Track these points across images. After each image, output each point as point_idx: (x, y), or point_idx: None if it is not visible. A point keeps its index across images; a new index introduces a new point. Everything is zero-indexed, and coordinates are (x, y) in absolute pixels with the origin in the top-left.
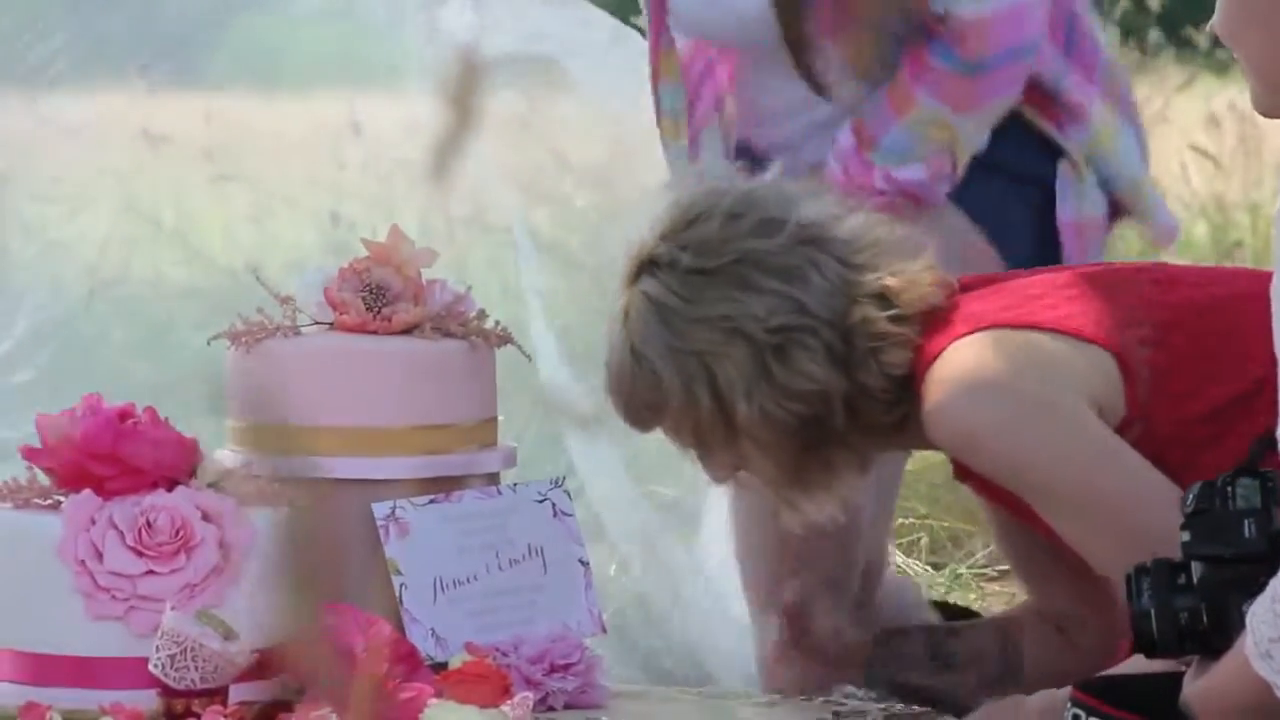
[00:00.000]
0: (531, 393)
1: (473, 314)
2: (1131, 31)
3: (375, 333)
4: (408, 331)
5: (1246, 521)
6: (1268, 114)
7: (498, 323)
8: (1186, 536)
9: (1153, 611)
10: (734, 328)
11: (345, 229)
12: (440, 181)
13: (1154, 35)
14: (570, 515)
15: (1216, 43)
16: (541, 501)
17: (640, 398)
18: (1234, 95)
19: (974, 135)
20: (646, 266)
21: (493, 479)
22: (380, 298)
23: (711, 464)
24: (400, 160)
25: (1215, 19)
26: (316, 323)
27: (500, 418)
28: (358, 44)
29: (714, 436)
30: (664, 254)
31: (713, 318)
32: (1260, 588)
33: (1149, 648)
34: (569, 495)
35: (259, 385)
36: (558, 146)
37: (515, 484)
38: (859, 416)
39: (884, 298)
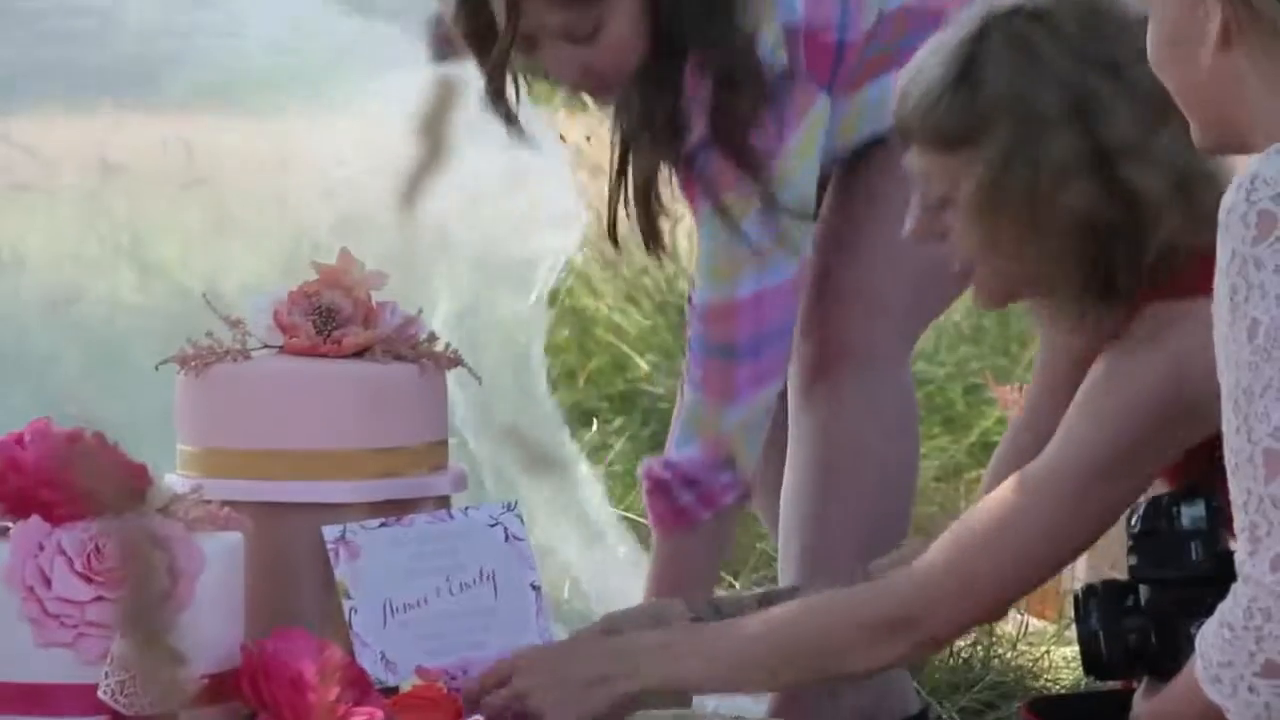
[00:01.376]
0: None
1: (423, 336)
2: None
3: (325, 356)
4: (358, 354)
5: (1193, 543)
6: (1207, 148)
7: (448, 345)
8: (1134, 559)
9: (1101, 632)
10: (1088, 111)
11: (305, 250)
12: (410, 210)
13: None
14: (522, 540)
15: None
16: (493, 525)
17: (949, 119)
18: None
19: (741, 434)
20: (1024, 13)
21: (443, 502)
22: (330, 321)
23: (944, 225)
24: (360, 182)
25: (1150, 54)
26: (266, 346)
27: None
28: (318, 66)
29: (1001, 199)
30: (1049, 14)
31: (1076, 89)
32: (1208, 610)
33: (1098, 668)
34: (521, 519)
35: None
36: None
37: (467, 507)
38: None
39: (1215, 182)
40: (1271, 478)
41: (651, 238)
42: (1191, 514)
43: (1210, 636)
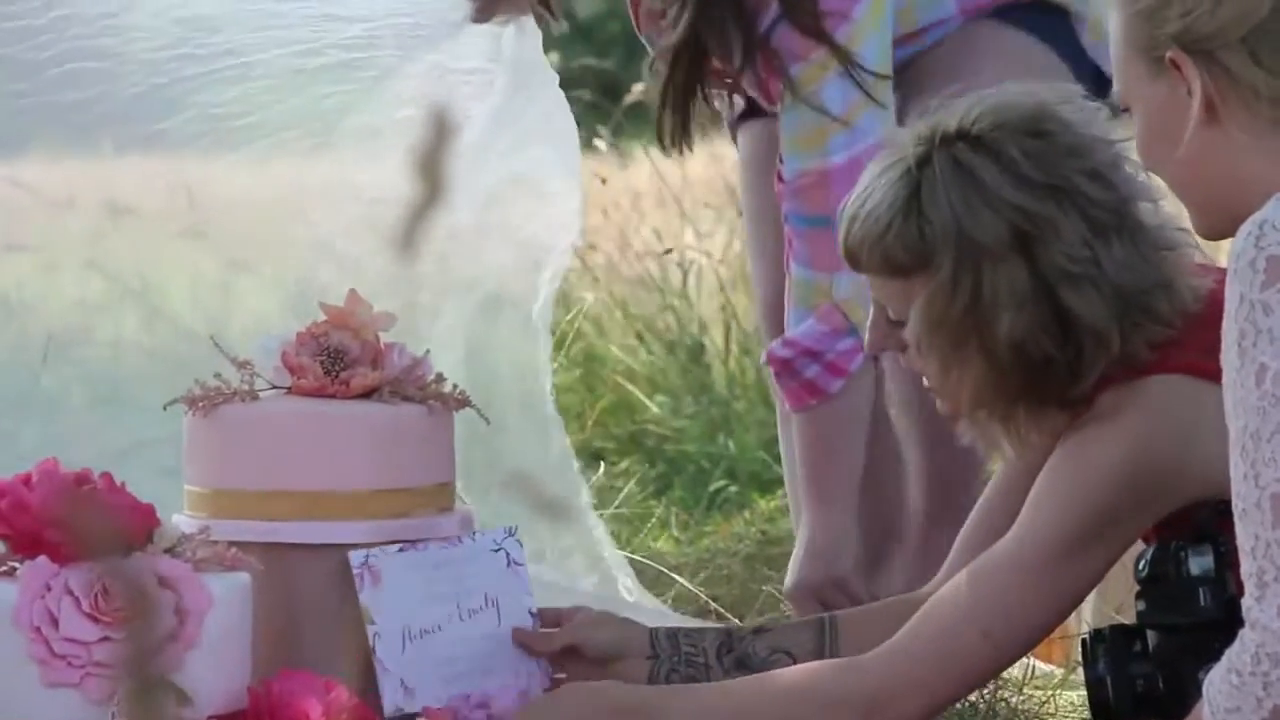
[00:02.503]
0: None
1: (431, 378)
2: None
3: (333, 397)
4: (366, 395)
5: (1201, 590)
6: (1210, 233)
7: (455, 386)
8: (1142, 605)
9: (1109, 679)
10: (1031, 237)
11: (313, 292)
12: (408, 253)
13: None
14: (522, 565)
15: None
16: (496, 551)
17: (897, 248)
18: None
19: (853, 295)
20: (969, 138)
21: None
22: (338, 361)
23: (901, 340)
24: (366, 223)
25: (1137, 147)
26: (274, 387)
27: None
28: (324, 107)
29: (944, 326)
30: (992, 139)
31: (1017, 219)
32: (1216, 656)
33: (1105, 714)
34: (521, 544)
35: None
36: None
37: (474, 532)
38: (1074, 382)
39: (1167, 290)
40: (1278, 522)
41: (683, 136)
42: (1199, 560)
43: (1218, 682)
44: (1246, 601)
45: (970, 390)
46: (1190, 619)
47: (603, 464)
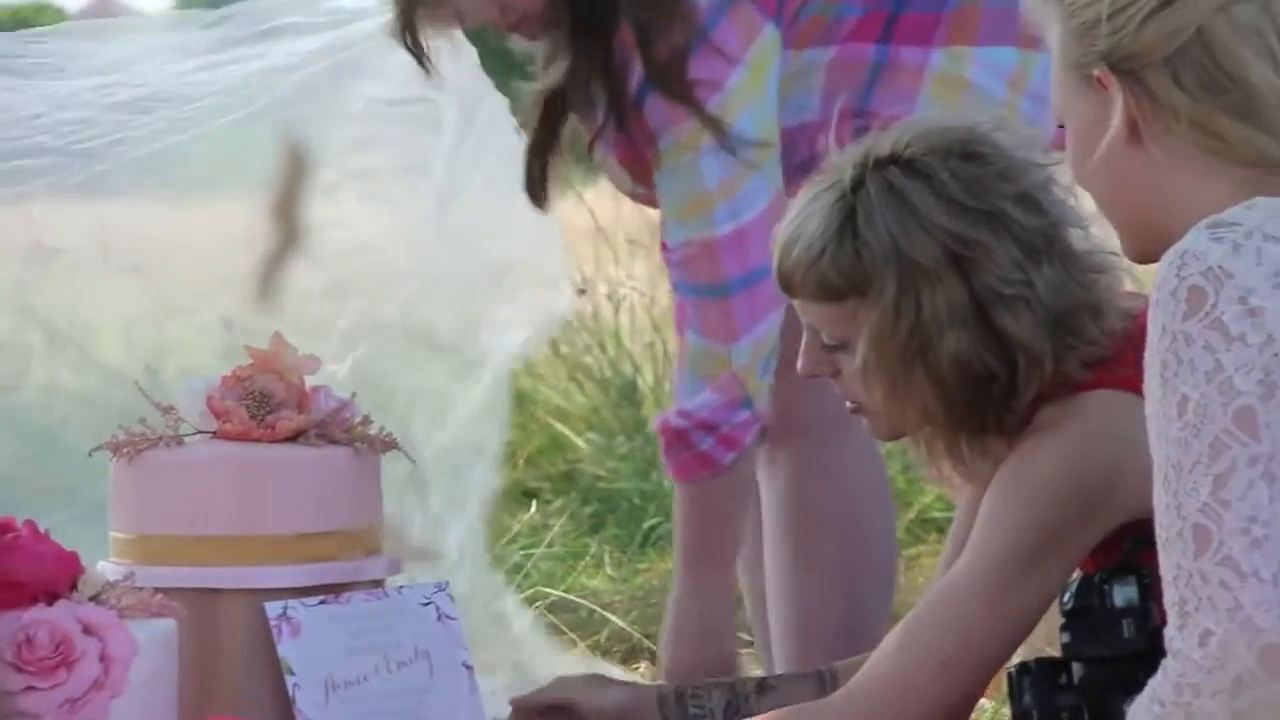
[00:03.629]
0: None
1: (357, 420)
2: None
3: (259, 440)
4: (292, 439)
5: (1125, 621)
6: (1137, 256)
7: (382, 428)
8: (1066, 637)
9: (1035, 711)
10: (965, 259)
11: (240, 334)
12: (266, 299)
13: None
14: (454, 619)
15: None
16: (426, 605)
17: (833, 273)
18: None
19: (751, 363)
20: (901, 161)
21: (377, 585)
22: (264, 405)
23: (848, 363)
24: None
25: (1069, 162)
26: (200, 432)
27: None
28: (254, 150)
29: (891, 348)
30: (925, 163)
31: (950, 242)
32: (1141, 686)
33: None
34: (452, 599)
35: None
36: None
37: (401, 586)
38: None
39: (1097, 312)
40: (1201, 553)
41: (540, 190)
42: (1123, 591)
43: (1141, 713)
44: (1169, 631)
45: (917, 410)
46: (1115, 650)
47: (535, 502)
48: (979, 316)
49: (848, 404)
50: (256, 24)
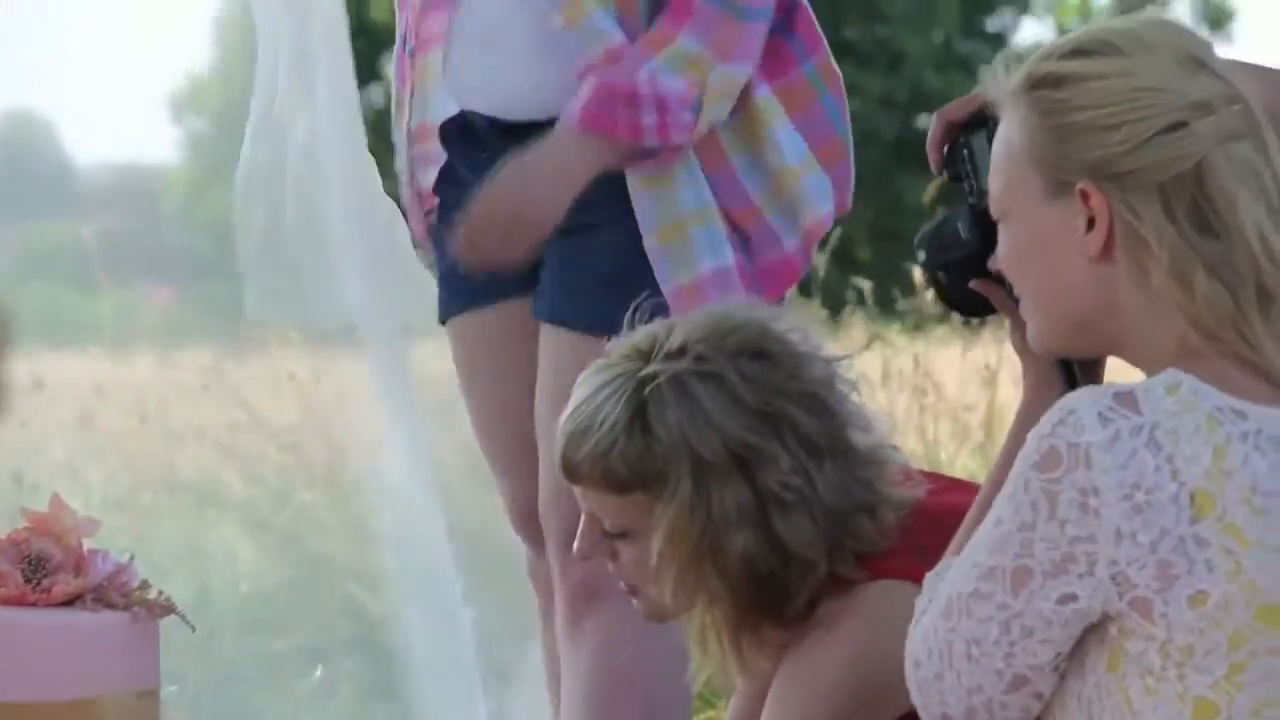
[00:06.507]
0: None
1: (135, 584)
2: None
3: (34, 605)
4: (68, 603)
5: None
6: (1051, 351)
7: (160, 592)
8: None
9: None
10: (749, 462)
11: (28, 491)
12: None
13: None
14: None
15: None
16: None
17: (622, 466)
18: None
19: (721, 90)
20: (691, 358)
21: None
22: (40, 569)
23: (627, 549)
24: (85, 420)
25: (998, 254)
26: None
27: None
28: (44, 303)
29: (684, 544)
30: (714, 362)
31: (736, 444)
32: None
33: None
34: None
35: None
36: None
37: None
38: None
39: (873, 511)
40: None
41: None
42: None
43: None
44: None
45: (703, 604)
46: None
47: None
48: (762, 517)
49: (623, 584)
50: None
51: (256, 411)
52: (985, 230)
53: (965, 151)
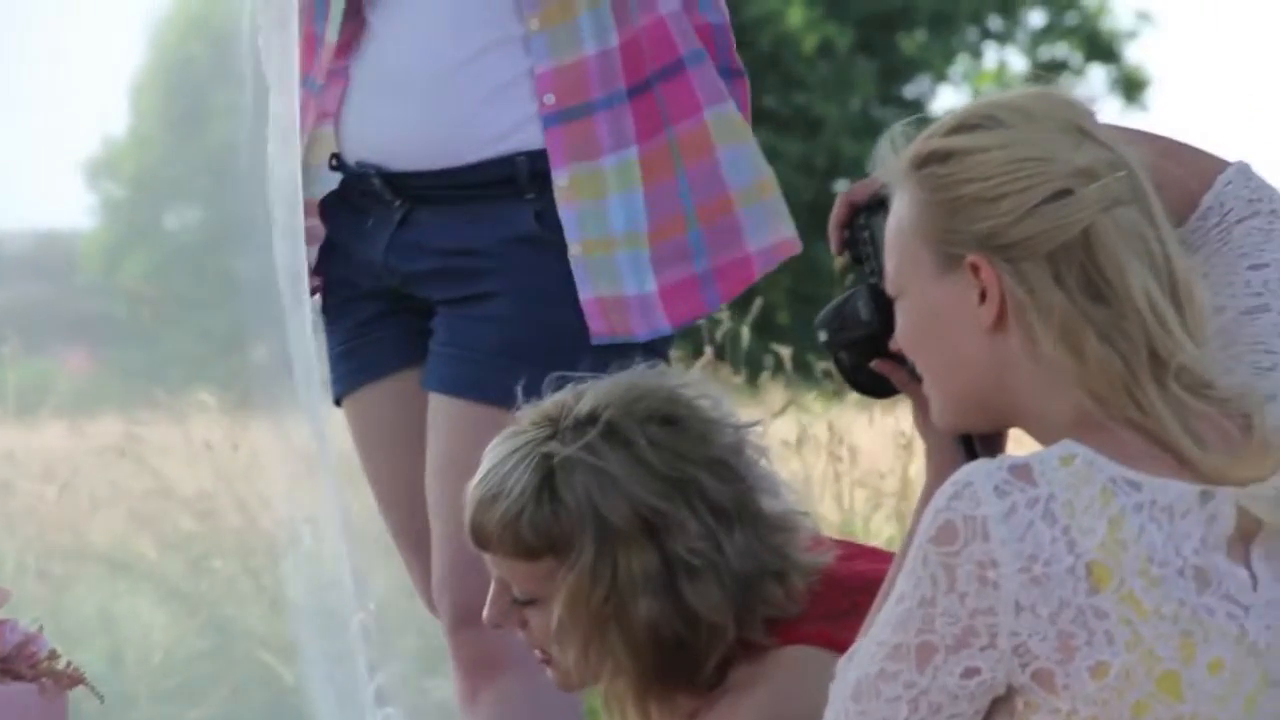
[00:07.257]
0: None
1: (44, 654)
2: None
3: None
4: None
5: None
6: (954, 427)
7: (70, 663)
8: None
9: None
10: (658, 528)
11: None
12: None
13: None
14: None
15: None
16: None
17: (530, 533)
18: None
19: None
20: (600, 424)
21: None
22: None
23: (537, 617)
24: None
25: (897, 332)
26: None
27: None
28: None
29: (588, 610)
30: (624, 428)
31: (644, 510)
32: None
33: None
34: None
35: None
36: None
37: None
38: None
39: (782, 577)
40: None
41: None
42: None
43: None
44: None
45: (609, 670)
46: None
47: None
48: (669, 584)
49: (536, 652)
50: None
51: (170, 479)
52: (885, 310)
53: (866, 233)
